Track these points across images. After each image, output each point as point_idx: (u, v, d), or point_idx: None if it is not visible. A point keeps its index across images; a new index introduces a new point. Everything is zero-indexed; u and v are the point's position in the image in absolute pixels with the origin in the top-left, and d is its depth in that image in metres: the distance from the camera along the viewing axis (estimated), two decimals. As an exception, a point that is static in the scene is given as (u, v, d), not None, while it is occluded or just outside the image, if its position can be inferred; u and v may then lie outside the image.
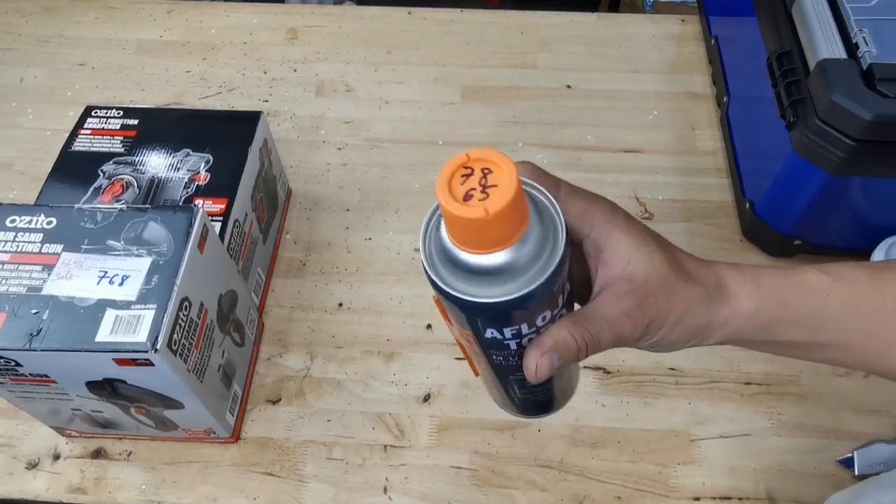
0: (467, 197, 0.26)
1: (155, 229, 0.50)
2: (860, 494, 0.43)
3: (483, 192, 0.26)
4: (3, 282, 0.48)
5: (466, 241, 0.27)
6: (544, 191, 0.29)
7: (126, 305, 0.47)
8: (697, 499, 0.57)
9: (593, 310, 0.31)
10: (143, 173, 0.62)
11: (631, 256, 0.31)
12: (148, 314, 0.46)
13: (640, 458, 0.59)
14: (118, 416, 0.55)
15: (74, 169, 0.63)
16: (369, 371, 0.64)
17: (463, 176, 0.26)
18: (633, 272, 0.31)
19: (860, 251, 0.64)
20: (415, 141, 0.80)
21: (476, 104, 0.83)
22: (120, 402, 0.52)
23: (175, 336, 0.47)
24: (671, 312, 0.31)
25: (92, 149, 0.64)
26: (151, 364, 0.46)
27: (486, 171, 0.26)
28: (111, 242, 0.50)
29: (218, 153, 0.63)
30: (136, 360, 0.46)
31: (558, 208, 0.29)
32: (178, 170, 0.62)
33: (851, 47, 0.56)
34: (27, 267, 0.49)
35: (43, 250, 0.49)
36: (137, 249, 0.49)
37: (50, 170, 0.63)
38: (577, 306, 0.33)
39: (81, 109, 0.68)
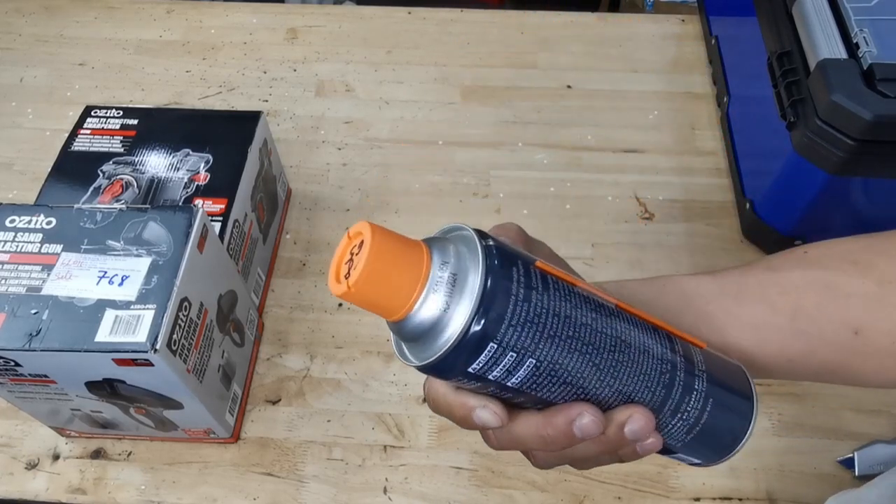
0: (347, 276, 0.25)
1: (155, 229, 0.50)
2: (861, 495, 0.43)
3: (349, 265, 0.25)
4: (3, 282, 0.48)
5: (385, 313, 0.26)
6: (471, 233, 0.26)
7: (125, 305, 0.47)
8: (697, 499, 0.57)
9: None
10: (143, 173, 0.62)
11: None
12: (147, 314, 0.46)
13: (640, 458, 0.59)
14: (118, 416, 0.55)
15: (74, 169, 0.63)
16: (369, 371, 0.64)
17: (350, 254, 0.25)
18: None
19: (860, 251, 0.63)
20: (415, 141, 0.80)
21: (476, 104, 0.83)
22: (119, 402, 0.52)
23: (175, 336, 0.47)
24: None
25: (91, 149, 0.64)
26: (151, 364, 0.46)
27: (361, 244, 0.25)
28: (111, 242, 0.50)
29: (218, 153, 0.63)
30: (136, 360, 0.46)
31: (479, 249, 0.25)
32: (178, 170, 0.62)
33: (852, 47, 0.56)
34: (27, 267, 0.49)
35: (42, 250, 0.49)
36: (137, 249, 0.49)
37: (49, 170, 0.63)
38: None
39: (81, 109, 0.68)
